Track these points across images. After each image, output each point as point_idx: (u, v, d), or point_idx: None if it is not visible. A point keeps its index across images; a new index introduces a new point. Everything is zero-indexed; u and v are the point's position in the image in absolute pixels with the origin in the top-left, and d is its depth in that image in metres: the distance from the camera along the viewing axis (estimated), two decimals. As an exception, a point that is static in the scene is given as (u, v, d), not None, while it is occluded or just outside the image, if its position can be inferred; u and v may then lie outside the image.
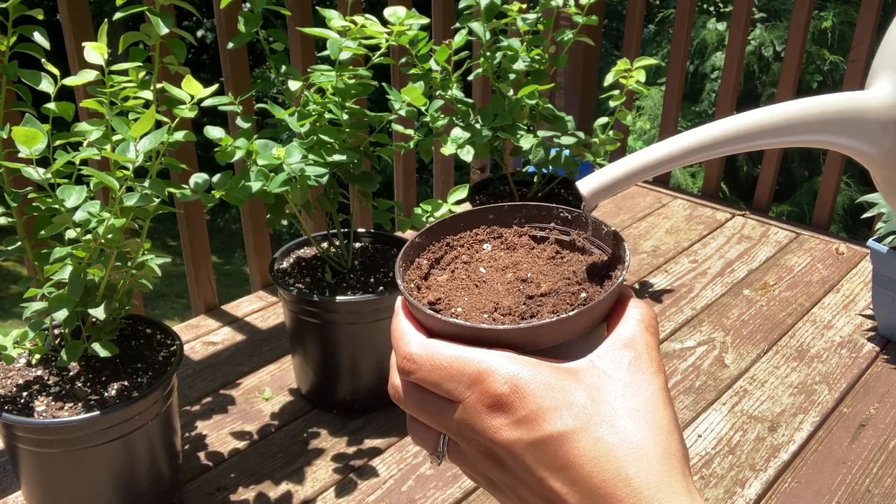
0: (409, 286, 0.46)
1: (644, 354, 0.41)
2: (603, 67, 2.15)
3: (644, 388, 0.40)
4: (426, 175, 5.20)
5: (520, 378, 0.39)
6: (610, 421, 0.38)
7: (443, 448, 0.43)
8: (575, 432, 0.38)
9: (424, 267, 0.48)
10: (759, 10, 4.98)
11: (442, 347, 0.41)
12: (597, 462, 0.37)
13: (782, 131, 0.43)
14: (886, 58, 0.44)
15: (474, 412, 0.40)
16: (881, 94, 0.43)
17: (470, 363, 0.40)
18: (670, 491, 0.37)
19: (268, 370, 1.44)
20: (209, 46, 6.29)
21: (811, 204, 4.51)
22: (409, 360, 0.42)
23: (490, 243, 0.50)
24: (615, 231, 0.48)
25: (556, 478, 0.38)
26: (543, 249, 0.50)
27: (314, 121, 1.15)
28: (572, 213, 0.50)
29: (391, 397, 0.44)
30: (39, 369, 1.05)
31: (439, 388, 0.41)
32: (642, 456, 0.37)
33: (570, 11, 1.47)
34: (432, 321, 0.42)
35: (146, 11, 0.98)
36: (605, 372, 0.40)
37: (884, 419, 1.31)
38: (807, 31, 1.94)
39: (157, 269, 1.02)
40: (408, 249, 0.48)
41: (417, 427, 0.44)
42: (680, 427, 0.40)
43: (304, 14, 1.55)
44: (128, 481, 1.03)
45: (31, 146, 0.86)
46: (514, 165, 2.24)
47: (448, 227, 0.51)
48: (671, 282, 1.75)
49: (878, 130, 0.43)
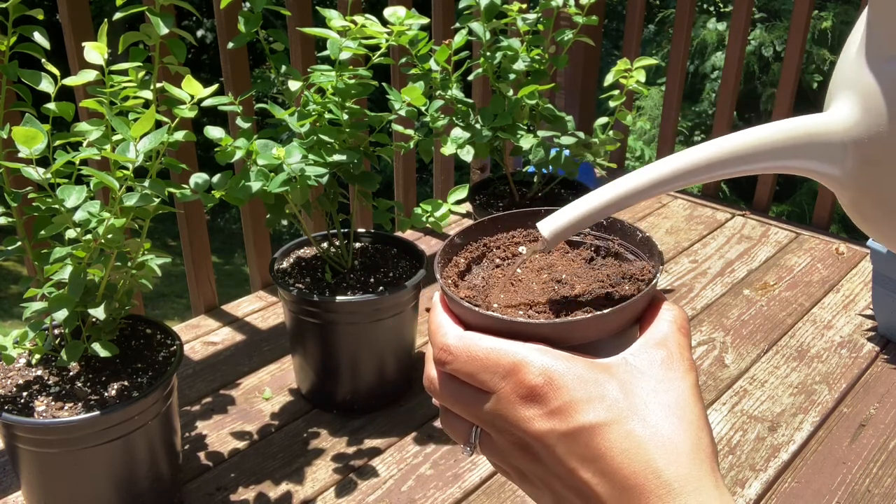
0: (447, 281, 0.48)
1: (676, 353, 0.42)
2: (603, 67, 2.15)
3: (676, 385, 0.41)
4: (426, 175, 5.20)
5: (554, 370, 0.40)
6: (641, 415, 0.39)
7: (475, 439, 0.44)
8: (607, 424, 0.39)
9: (462, 265, 0.50)
10: (759, 10, 4.98)
11: (479, 339, 0.42)
12: (627, 454, 0.38)
13: (744, 160, 0.44)
14: (842, 79, 0.45)
15: (508, 403, 0.41)
16: (840, 115, 0.44)
17: (506, 355, 0.41)
18: (699, 484, 0.37)
19: (268, 370, 1.44)
20: (209, 46, 6.29)
21: (811, 204, 4.51)
22: (445, 351, 0.43)
23: (525, 245, 0.52)
24: (649, 237, 0.49)
25: (586, 469, 0.39)
26: (579, 253, 0.51)
27: (314, 121, 1.15)
28: (608, 220, 0.51)
29: (426, 389, 0.45)
30: (39, 369, 1.05)
31: (474, 379, 0.42)
32: (672, 449, 0.38)
33: (570, 11, 1.47)
34: (470, 315, 0.43)
35: (146, 11, 0.98)
36: (638, 368, 0.41)
37: (884, 419, 1.31)
38: (807, 31, 1.94)
39: (157, 269, 1.02)
40: (446, 248, 0.50)
41: (450, 418, 0.45)
42: (710, 424, 0.41)
43: (304, 14, 1.55)
44: (128, 481, 1.03)
45: (31, 146, 0.86)
46: (514, 165, 2.24)
47: (485, 229, 0.52)
48: (671, 282, 1.75)
49: (839, 151, 0.43)
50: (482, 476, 1.20)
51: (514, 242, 0.52)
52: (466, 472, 1.20)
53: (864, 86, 0.42)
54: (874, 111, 0.42)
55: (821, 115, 0.44)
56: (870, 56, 0.42)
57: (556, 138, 1.48)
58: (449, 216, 1.21)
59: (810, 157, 0.44)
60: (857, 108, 0.43)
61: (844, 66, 0.45)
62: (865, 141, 0.42)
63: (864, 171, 0.43)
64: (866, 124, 0.42)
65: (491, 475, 1.20)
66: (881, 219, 0.45)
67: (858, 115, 0.43)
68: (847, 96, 0.44)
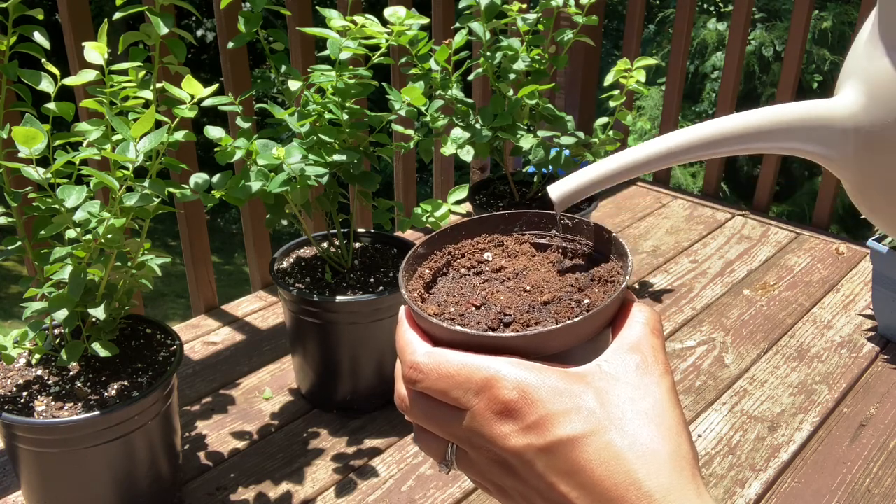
0: (412, 295, 0.46)
1: (650, 357, 0.41)
2: (603, 67, 2.16)
3: (652, 391, 0.40)
4: (426, 175, 5.20)
5: (528, 384, 0.39)
6: (619, 424, 0.38)
7: (451, 457, 0.43)
8: (584, 437, 0.38)
9: (427, 276, 0.49)
10: (759, 10, 4.98)
11: (449, 355, 0.41)
12: (607, 466, 0.37)
13: (748, 138, 0.44)
14: (851, 67, 0.45)
15: (483, 419, 0.40)
16: (845, 101, 0.44)
17: (477, 370, 0.40)
18: (681, 494, 0.37)
19: (268, 370, 1.44)
20: (209, 46, 6.29)
21: (811, 204, 4.51)
22: (415, 370, 0.41)
23: (491, 252, 0.50)
24: (616, 236, 0.48)
25: (566, 483, 0.38)
26: (546, 257, 0.50)
27: (314, 121, 1.15)
28: (573, 220, 0.50)
29: (398, 407, 0.44)
30: (39, 369, 1.05)
31: (447, 397, 0.41)
32: (652, 459, 0.38)
33: (570, 11, 1.47)
34: (438, 330, 0.42)
35: (146, 11, 0.98)
36: (613, 376, 0.40)
37: (884, 419, 1.31)
38: (807, 31, 1.94)
39: (157, 269, 1.02)
40: (410, 259, 0.48)
41: (425, 436, 0.44)
42: (688, 428, 0.40)
43: (304, 14, 1.55)
44: (128, 481, 1.03)
45: (31, 146, 0.86)
46: (514, 165, 2.24)
47: (449, 236, 0.51)
48: (671, 282, 1.75)
49: (842, 136, 0.44)
50: (482, 476, 1.20)
51: (479, 249, 0.51)
52: (466, 472, 1.20)
53: (870, 73, 0.43)
54: (879, 98, 0.42)
55: (827, 100, 0.45)
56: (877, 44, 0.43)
57: (556, 138, 1.48)
58: (449, 216, 1.21)
59: (813, 140, 0.44)
60: (863, 95, 0.43)
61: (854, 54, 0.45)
62: (868, 127, 0.42)
63: (867, 158, 0.43)
64: (871, 111, 0.42)
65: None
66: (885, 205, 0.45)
67: (863, 101, 0.43)
68: (854, 83, 0.44)
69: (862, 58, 0.44)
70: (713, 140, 0.44)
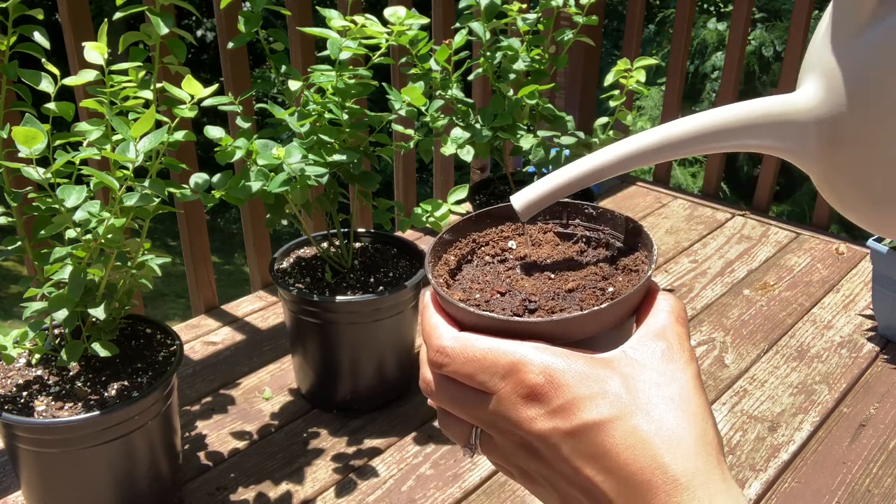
0: (438, 281, 0.47)
1: (676, 344, 0.42)
2: (603, 67, 2.15)
3: (677, 377, 0.40)
4: (426, 175, 5.20)
5: (554, 368, 0.39)
6: (645, 409, 0.39)
7: (475, 440, 0.43)
8: (611, 421, 0.38)
9: (452, 263, 0.49)
10: (759, 10, 4.98)
11: (475, 340, 0.41)
12: (633, 450, 0.38)
13: (712, 138, 0.44)
14: (811, 61, 0.45)
15: (509, 403, 0.40)
16: (805, 95, 0.44)
17: (504, 354, 0.40)
18: (706, 478, 0.37)
19: (268, 370, 1.44)
20: (209, 46, 6.28)
21: (811, 204, 4.51)
22: (441, 353, 0.42)
23: (515, 240, 0.51)
24: (640, 225, 0.48)
25: (592, 466, 0.39)
26: (569, 246, 0.50)
27: (314, 121, 1.15)
28: (597, 210, 0.51)
29: (422, 391, 0.45)
30: (39, 369, 1.05)
31: (472, 381, 0.41)
32: (678, 444, 0.38)
33: (570, 11, 1.47)
34: (465, 315, 0.43)
35: (146, 11, 0.98)
36: (639, 362, 0.41)
37: (884, 419, 1.31)
38: (807, 31, 1.94)
39: (157, 269, 1.02)
40: (435, 246, 0.49)
41: (449, 420, 0.44)
42: (713, 415, 0.40)
43: (304, 14, 1.55)
44: (128, 481, 1.03)
45: (31, 146, 0.86)
46: (514, 165, 2.24)
47: (474, 224, 0.51)
48: (671, 282, 1.75)
49: (802, 131, 0.44)
50: (482, 476, 1.20)
51: (504, 237, 0.51)
52: (466, 472, 1.20)
53: (827, 66, 0.43)
54: (836, 91, 0.42)
55: (787, 95, 0.45)
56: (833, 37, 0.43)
57: (556, 138, 1.48)
58: (449, 216, 1.21)
59: (776, 135, 0.44)
60: (821, 88, 0.43)
61: (813, 47, 0.45)
62: (828, 120, 0.43)
63: (829, 152, 0.43)
64: (829, 104, 0.42)
65: (491, 475, 1.20)
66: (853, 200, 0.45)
67: (822, 95, 0.43)
68: (813, 77, 0.44)
69: (820, 50, 0.44)
70: (677, 141, 0.44)
